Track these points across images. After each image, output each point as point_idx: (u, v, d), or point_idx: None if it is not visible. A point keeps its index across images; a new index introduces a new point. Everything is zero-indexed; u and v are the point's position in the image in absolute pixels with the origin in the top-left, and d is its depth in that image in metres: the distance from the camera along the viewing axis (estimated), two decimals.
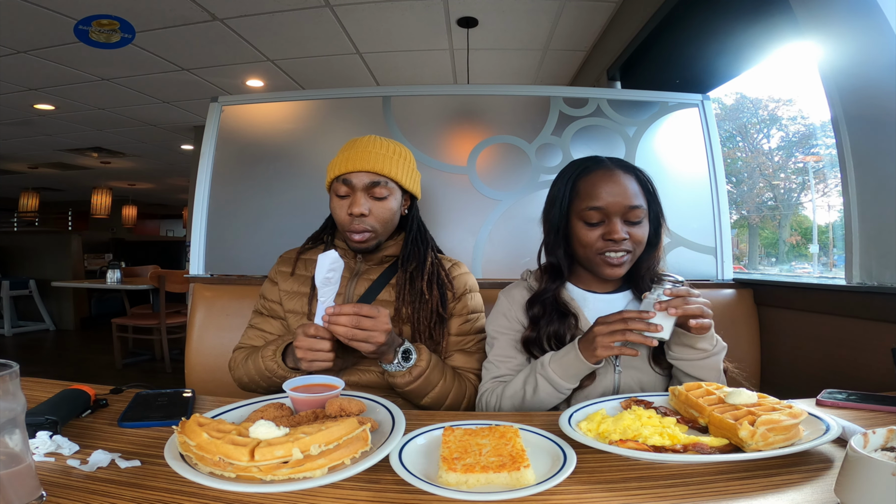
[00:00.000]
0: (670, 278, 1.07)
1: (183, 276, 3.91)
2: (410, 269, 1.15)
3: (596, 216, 0.99)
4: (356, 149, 1.11)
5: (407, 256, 1.16)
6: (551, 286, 1.06)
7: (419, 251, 1.18)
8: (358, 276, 1.17)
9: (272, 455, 0.55)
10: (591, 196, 0.99)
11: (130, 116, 5.12)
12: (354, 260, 1.20)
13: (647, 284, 1.04)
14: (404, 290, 1.13)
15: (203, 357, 1.48)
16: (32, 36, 3.19)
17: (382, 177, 1.11)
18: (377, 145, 1.13)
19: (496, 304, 1.14)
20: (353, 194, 1.11)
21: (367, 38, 3.33)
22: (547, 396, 0.94)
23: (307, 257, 1.22)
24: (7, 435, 0.50)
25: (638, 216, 1.00)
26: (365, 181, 1.10)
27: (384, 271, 1.18)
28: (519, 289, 1.12)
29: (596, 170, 1.02)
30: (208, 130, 1.75)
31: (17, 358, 0.54)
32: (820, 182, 2.15)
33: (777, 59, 1.95)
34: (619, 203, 0.98)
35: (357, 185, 1.10)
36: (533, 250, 1.16)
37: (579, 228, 1.02)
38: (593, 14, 2.95)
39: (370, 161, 1.09)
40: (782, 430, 0.64)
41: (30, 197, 8.82)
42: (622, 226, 0.98)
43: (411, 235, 1.19)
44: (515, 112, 1.78)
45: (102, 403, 0.84)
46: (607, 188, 0.99)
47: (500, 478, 0.56)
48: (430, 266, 1.16)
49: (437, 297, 1.13)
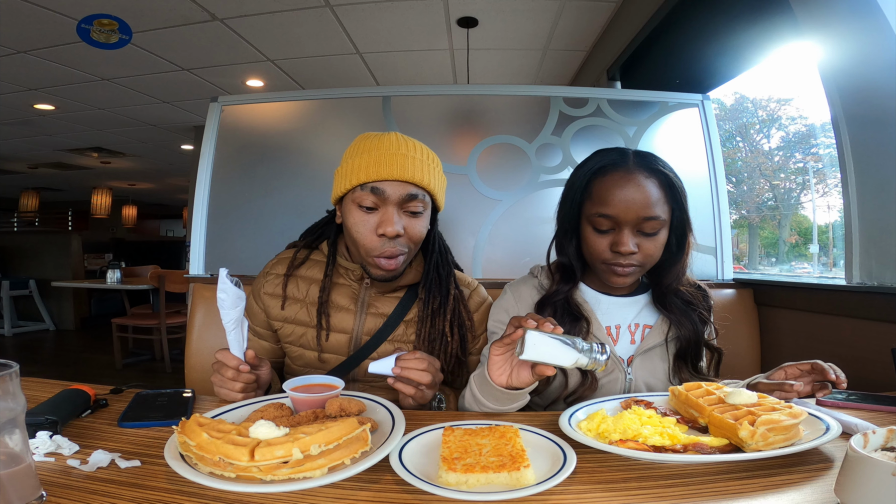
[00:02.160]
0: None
1: (183, 276, 3.91)
2: (433, 305, 0.98)
3: (606, 224, 0.91)
4: (386, 150, 0.90)
5: (429, 287, 0.99)
6: (563, 287, 0.99)
7: (441, 280, 1.01)
8: (366, 310, 1.00)
9: (272, 455, 0.55)
10: (603, 201, 0.91)
11: (130, 116, 5.12)
12: (360, 286, 1.01)
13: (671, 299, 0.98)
14: (424, 329, 0.98)
15: (203, 357, 1.48)
16: (33, 36, 3.19)
17: (420, 189, 0.92)
18: (410, 147, 0.92)
19: (500, 297, 1.07)
20: (384, 209, 0.90)
21: (367, 38, 3.33)
22: (469, 407, 0.86)
23: (302, 274, 1.03)
24: (7, 435, 0.50)
25: (653, 228, 0.90)
26: (401, 193, 0.90)
27: (398, 305, 1.01)
28: (528, 286, 1.05)
29: (614, 171, 0.92)
30: (208, 130, 1.75)
31: (17, 358, 0.54)
32: (820, 182, 2.15)
33: (777, 59, 1.95)
34: (632, 212, 0.89)
35: (391, 198, 0.90)
36: (533, 250, 1.14)
37: (588, 233, 0.95)
38: (593, 14, 2.95)
39: (407, 168, 0.89)
40: (782, 430, 0.64)
41: (30, 197, 8.82)
42: (632, 238, 0.90)
43: (433, 259, 1.01)
44: (515, 112, 1.78)
45: (102, 403, 0.84)
46: (622, 194, 0.89)
47: (500, 478, 0.56)
48: (453, 302, 1.00)
49: (459, 340, 0.99)
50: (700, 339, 0.99)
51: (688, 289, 1.02)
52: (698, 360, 1.00)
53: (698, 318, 1.00)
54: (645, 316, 1.02)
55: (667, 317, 0.99)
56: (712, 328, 1.06)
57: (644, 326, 1.01)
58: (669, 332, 0.99)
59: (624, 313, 1.02)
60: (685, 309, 0.99)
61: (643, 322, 1.01)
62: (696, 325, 0.99)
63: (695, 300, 1.01)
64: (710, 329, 1.05)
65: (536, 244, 1.68)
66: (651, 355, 0.99)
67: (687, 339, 0.98)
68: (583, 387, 0.94)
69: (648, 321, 1.01)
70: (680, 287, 1.01)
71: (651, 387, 0.98)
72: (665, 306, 1.00)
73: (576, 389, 0.94)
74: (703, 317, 1.01)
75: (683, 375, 0.99)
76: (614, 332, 1.00)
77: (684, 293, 1.01)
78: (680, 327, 0.98)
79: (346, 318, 1.00)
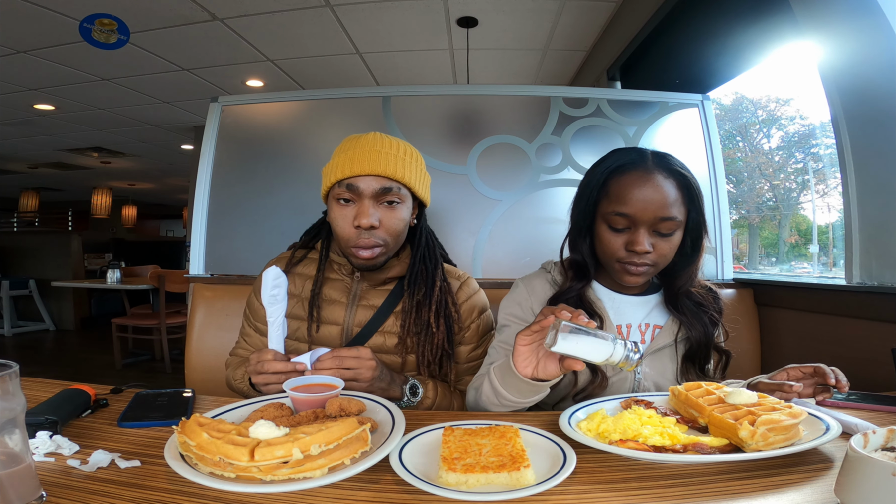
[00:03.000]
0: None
1: (183, 276, 3.91)
2: (418, 296, 1.02)
3: (622, 222, 0.92)
4: (361, 148, 0.97)
5: (414, 279, 1.03)
6: (576, 285, 0.99)
7: (427, 272, 1.05)
8: (357, 302, 1.04)
9: (272, 455, 0.55)
10: (621, 200, 0.91)
11: (130, 116, 5.12)
12: (352, 280, 1.06)
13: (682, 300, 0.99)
14: (409, 320, 1.02)
15: (203, 357, 1.48)
16: (33, 36, 3.19)
17: (394, 182, 0.97)
18: (385, 144, 0.98)
19: (512, 291, 1.06)
20: (360, 202, 0.96)
21: (367, 38, 3.33)
22: (487, 400, 0.86)
23: (299, 272, 1.08)
24: (7, 435, 0.50)
25: (669, 228, 0.91)
26: (374, 187, 0.96)
27: (388, 297, 1.05)
28: (540, 280, 1.05)
29: (632, 170, 0.93)
30: (208, 130, 1.75)
31: (17, 358, 0.54)
32: (820, 182, 2.15)
33: (777, 59, 1.95)
34: (649, 211, 0.89)
35: (365, 192, 0.96)
36: (533, 250, 1.14)
37: (603, 231, 0.95)
38: (593, 14, 2.95)
39: (380, 163, 0.95)
40: (782, 430, 0.64)
41: (30, 197, 8.83)
42: (648, 237, 0.91)
43: (419, 252, 1.06)
44: (515, 112, 1.79)
45: (102, 403, 0.84)
46: (640, 193, 0.90)
47: (500, 478, 0.56)
48: (439, 293, 1.03)
49: (444, 331, 1.02)
50: (710, 341, 0.99)
51: (699, 291, 1.02)
52: (706, 363, 1.00)
53: (709, 320, 1.00)
54: (655, 316, 1.02)
55: (677, 318, 0.99)
56: (722, 330, 1.06)
57: (655, 326, 1.01)
58: (679, 332, 0.99)
59: (635, 312, 1.02)
60: (696, 311, 0.99)
61: (654, 322, 1.01)
62: (707, 327, 0.99)
63: (706, 302, 1.01)
64: (719, 331, 1.05)
65: (537, 244, 1.68)
66: (661, 355, 0.99)
67: (697, 340, 0.98)
68: (592, 384, 0.94)
69: (659, 321, 1.02)
70: (692, 289, 1.01)
71: (659, 386, 0.98)
72: (676, 307, 1.00)
73: (585, 387, 0.94)
74: (713, 319, 1.01)
75: (690, 377, 0.99)
76: (625, 330, 1.01)
77: (696, 295, 1.01)
78: (691, 329, 0.98)
79: (337, 311, 1.04)
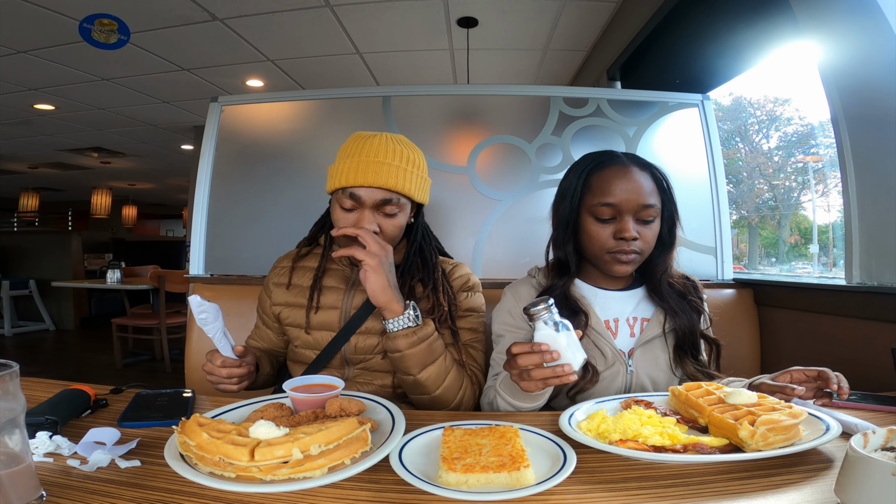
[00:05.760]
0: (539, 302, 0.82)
1: (183, 276, 3.91)
2: (412, 282, 1.08)
3: (608, 212, 0.97)
4: (366, 156, 0.99)
5: (409, 268, 1.09)
6: (559, 283, 1.03)
7: (426, 262, 1.11)
8: (355, 288, 1.10)
9: (272, 455, 0.55)
10: (604, 192, 0.97)
11: (130, 116, 5.12)
12: (351, 269, 1.12)
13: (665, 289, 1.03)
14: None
15: (203, 357, 1.46)
16: (33, 36, 3.19)
17: (395, 193, 1.00)
18: (390, 153, 1.00)
19: (501, 301, 1.11)
20: (361, 210, 1.00)
21: (367, 38, 3.33)
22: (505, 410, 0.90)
23: (303, 265, 1.16)
24: (7, 435, 0.50)
25: (650, 215, 0.98)
26: (376, 198, 1.00)
27: None
28: (526, 286, 1.10)
29: (611, 165, 1.00)
30: (208, 130, 1.75)
31: (17, 358, 0.54)
32: (820, 182, 2.15)
33: (777, 59, 1.95)
34: (632, 201, 0.96)
35: (366, 202, 1.00)
36: (533, 250, 1.15)
37: (589, 224, 1.00)
38: (593, 14, 2.95)
39: (383, 175, 0.98)
40: (782, 430, 0.64)
41: (30, 197, 8.82)
42: (633, 224, 0.97)
43: (415, 245, 1.11)
44: (515, 112, 1.79)
45: (102, 403, 0.84)
46: (621, 185, 0.97)
47: (500, 478, 0.56)
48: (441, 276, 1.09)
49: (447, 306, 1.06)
50: (695, 328, 1.03)
51: (678, 281, 1.07)
52: (698, 352, 1.03)
53: (692, 307, 1.04)
54: (642, 309, 1.05)
55: (662, 307, 1.03)
56: (707, 318, 1.09)
57: (642, 319, 1.04)
58: (666, 322, 1.02)
59: (621, 307, 1.05)
60: (679, 299, 1.04)
61: (640, 315, 1.05)
62: (691, 314, 1.03)
63: (686, 290, 1.07)
64: (705, 319, 1.08)
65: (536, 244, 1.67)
66: (651, 346, 1.01)
67: (683, 328, 1.01)
68: (583, 379, 0.96)
69: (646, 314, 1.05)
70: (671, 279, 1.06)
71: (654, 378, 1.00)
72: (660, 297, 1.04)
73: (576, 382, 0.96)
74: (696, 304, 1.05)
75: (686, 367, 1.01)
76: (613, 325, 1.03)
77: (677, 285, 1.07)
78: (676, 317, 1.02)
79: (335, 296, 1.10)
